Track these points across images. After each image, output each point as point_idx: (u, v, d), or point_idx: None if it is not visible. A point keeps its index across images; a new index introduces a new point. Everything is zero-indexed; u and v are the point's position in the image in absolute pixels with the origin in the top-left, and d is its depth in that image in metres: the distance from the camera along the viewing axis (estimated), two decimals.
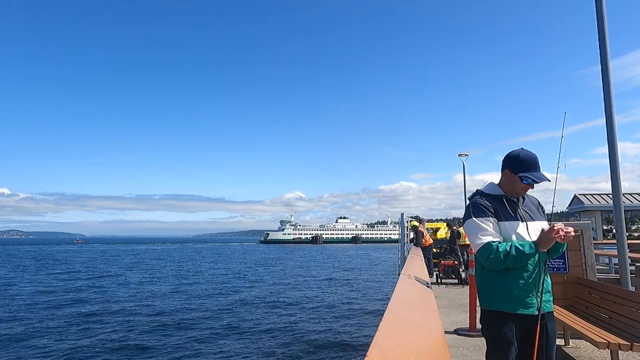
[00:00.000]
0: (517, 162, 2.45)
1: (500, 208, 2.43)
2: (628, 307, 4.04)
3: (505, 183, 2.50)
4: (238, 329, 14.08)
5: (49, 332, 13.73)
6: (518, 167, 2.45)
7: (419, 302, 2.05)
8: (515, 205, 2.48)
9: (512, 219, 2.41)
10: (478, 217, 2.38)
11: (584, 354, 4.88)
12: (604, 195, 18.32)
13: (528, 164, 2.43)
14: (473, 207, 2.44)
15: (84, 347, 11.89)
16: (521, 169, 2.44)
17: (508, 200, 2.48)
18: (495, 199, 2.47)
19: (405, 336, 1.49)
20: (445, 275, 12.87)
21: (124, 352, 11.56)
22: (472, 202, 2.50)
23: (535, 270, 2.35)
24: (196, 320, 15.44)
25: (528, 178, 2.41)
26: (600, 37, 5.59)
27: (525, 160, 2.44)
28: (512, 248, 2.23)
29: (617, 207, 5.27)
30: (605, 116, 5.49)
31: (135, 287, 25.35)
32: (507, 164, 2.49)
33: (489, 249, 2.28)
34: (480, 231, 2.34)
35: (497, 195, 2.49)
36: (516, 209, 2.46)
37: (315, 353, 11.39)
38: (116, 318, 15.87)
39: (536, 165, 2.44)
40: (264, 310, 17.48)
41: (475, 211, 2.41)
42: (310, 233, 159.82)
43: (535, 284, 2.34)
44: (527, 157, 2.44)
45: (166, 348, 11.84)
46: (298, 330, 14.00)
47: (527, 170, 2.43)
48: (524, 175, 2.42)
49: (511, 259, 2.24)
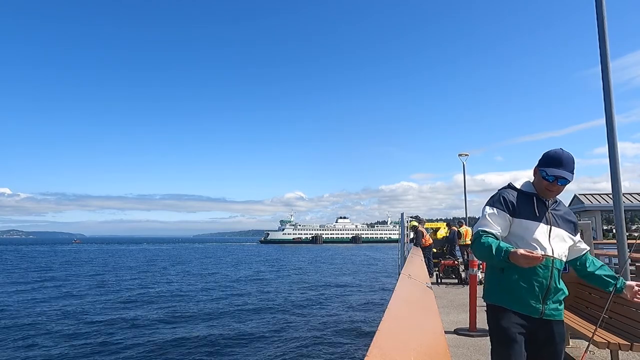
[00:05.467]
0: (543, 158, 2.40)
1: (526, 206, 2.37)
2: (628, 307, 4.04)
3: (535, 182, 2.44)
4: (238, 330, 14.06)
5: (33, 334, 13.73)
6: (542, 162, 2.40)
7: (419, 302, 2.05)
8: (544, 206, 2.39)
9: (535, 219, 2.34)
10: (491, 207, 2.38)
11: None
12: (604, 195, 18.34)
13: (551, 160, 2.35)
14: (493, 197, 2.44)
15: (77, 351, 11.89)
16: (543, 164, 2.38)
17: (538, 200, 2.39)
18: (525, 196, 2.41)
19: (405, 336, 1.49)
20: (445, 275, 12.87)
21: (118, 354, 11.56)
22: (498, 192, 2.47)
23: (546, 275, 2.28)
24: (196, 321, 15.43)
25: (543, 171, 2.34)
26: (600, 38, 5.59)
27: (550, 156, 2.37)
28: (491, 245, 2.19)
29: (617, 207, 5.26)
30: (606, 116, 5.48)
31: (114, 289, 25.30)
32: (538, 162, 2.44)
33: (477, 236, 2.30)
34: (483, 219, 2.36)
35: (529, 193, 2.43)
36: (545, 210, 2.38)
37: (315, 353, 11.38)
38: (92, 323, 15.85)
39: (560, 163, 2.33)
40: (262, 311, 17.46)
41: (492, 201, 2.41)
42: (310, 233, 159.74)
43: (541, 289, 2.28)
44: (554, 153, 2.36)
45: (166, 349, 11.84)
46: (297, 330, 13.99)
47: (547, 166, 2.35)
48: (541, 169, 2.36)
49: (484, 254, 2.23)
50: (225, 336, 13.12)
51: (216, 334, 13.32)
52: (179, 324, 14.77)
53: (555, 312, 2.32)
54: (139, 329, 13.97)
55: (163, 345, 12.11)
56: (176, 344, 12.16)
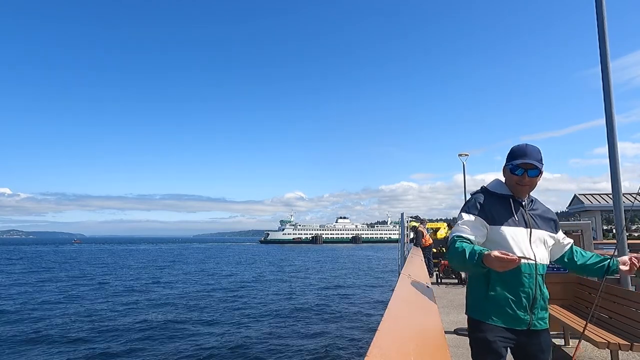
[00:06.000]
0: (508, 153, 2.31)
1: (503, 210, 2.25)
2: (628, 307, 4.04)
3: (507, 181, 2.33)
4: (237, 330, 14.07)
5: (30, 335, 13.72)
6: (507, 158, 2.30)
7: (419, 302, 2.05)
8: (521, 208, 2.28)
9: (514, 224, 2.22)
10: (467, 213, 2.26)
11: (584, 354, 4.88)
12: (604, 195, 18.32)
13: (515, 153, 2.27)
14: (468, 202, 2.35)
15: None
16: (508, 159, 2.29)
17: (514, 202, 2.28)
18: (501, 199, 2.29)
19: (405, 336, 1.49)
20: (445, 275, 12.88)
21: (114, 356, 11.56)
22: (472, 197, 2.36)
23: (531, 285, 2.19)
24: (195, 321, 15.43)
25: (509, 164, 2.25)
26: (600, 38, 5.58)
27: (514, 150, 2.29)
28: (465, 250, 2.06)
29: (617, 207, 5.26)
30: (606, 116, 5.48)
31: (113, 290, 25.32)
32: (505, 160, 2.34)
33: (451, 242, 2.20)
34: (459, 225, 2.24)
35: (504, 195, 2.31)
36: (522, 212, 2.27)
37: (315, 353, 11.37)
38: (96, 323, 15.84)
39: (524, 154, 2.23)
40: (263, 311, 17.46)
41: (468, 207, 2.30)
42: (310, 233, 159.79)
43: (528, 300, 2.18)
44: (517, 147, 2.28)
45: (165, 349, 11.84)
46: (297, 330, 13.99)
47: (513, 159, 2.26)
48: (508, 163, 2.27)
49: (458, 260, 2.10)
50: (225, 335, 13.12)
51: (216, 334, 13.32)
52: (178, 324, 14.77)
53: (541, 321, 2.22)
54: (145, 332, 13.95)
55: (169, 346, 12.13)
56: (176, 344, 12.17)
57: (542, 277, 2.22)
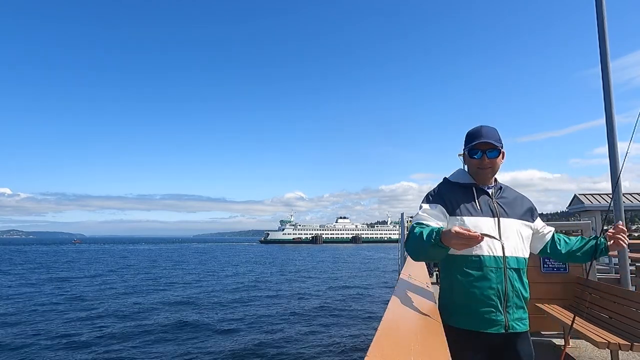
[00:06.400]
0: (465, 138, 2.15)
1: (466, 199, 2.05)
2: (628, 307, 4.03)
3: (469, 169, 2.17)
4: (236, 330, 14.06)
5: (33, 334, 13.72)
6: (465, 143, 2.14)
7: (419, 302, 2.05)
8: (487, 196, 2.09)
9: (478, 213, 2.01)
10: (427, 202, 2.09)
11: (584, 354, 4.87)
12: (604, 195, 18.30)
13: (472, 136, 2.10)
14: (429, 192, 2.16)
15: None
16: (466, 144, 2.13)
17: (478, 190, 2.09)
18: (463, 188, 2.11)
19: (405, 336, 1.49)
20: None
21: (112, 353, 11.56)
22: (434, 188, 2.19)
23: (500, 279, 1.95)
24: (196, 322, 15.42)
25: (466, 148, 2.10)
26: (600, 38, 5.57)
27: (469, 133, 2.13)
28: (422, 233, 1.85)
29: (617, 207, 5.25)
30: (606, 116, 5.47)
31: (115, 288, 25.31)
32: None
33: (410, 230, 1.98)
34: (419, 215, 2.05)
35: (466, 184, 2.12)
36: (488, 200, 2.07)
37: (315, 353, 11.38)
38: (97, 320, 15.84)
39: (479, 135, 2.06)
40: (263, 311, 17.46)
41: (428, 197, 2.13)
42: (310, 233, 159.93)
43: (498, 297, 1.94)
44: (473, 129, 2.12)
45: (165, 350, 11.84)
46: (296, 330, 13.99)
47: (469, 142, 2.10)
48: (465, 148, 2.13)
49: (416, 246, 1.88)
50: (226, 335, 13.12)
51: (217, 334, 13.33)
52: (179, 325, 14.77)
53: (520, 322, 1.99)
54: (145, 332, 13.95)
55: (170, 345, 12.13)
56: (177, 345, 12.17)
57: (516, 272, 1.98)
